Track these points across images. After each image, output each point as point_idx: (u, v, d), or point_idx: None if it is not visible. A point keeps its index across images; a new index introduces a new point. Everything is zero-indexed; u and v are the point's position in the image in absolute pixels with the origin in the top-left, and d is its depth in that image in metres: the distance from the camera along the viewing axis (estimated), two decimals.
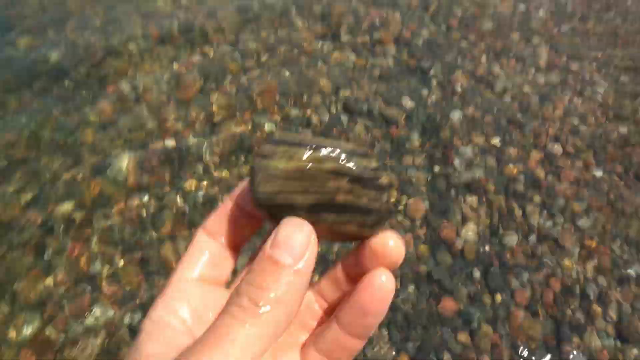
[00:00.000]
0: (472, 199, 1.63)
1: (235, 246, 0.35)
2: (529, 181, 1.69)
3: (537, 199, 1.64)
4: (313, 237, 0.26)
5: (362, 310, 0.28)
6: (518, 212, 1.60)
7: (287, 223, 0.26)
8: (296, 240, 0.25)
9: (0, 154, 1.86)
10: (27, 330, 1.43)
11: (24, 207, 1.72)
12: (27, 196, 1.75)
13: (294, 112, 1.94)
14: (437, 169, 1.71)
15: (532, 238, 1.55)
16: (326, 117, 1.91)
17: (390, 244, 0.30)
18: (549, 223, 1.58)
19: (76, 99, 2.03)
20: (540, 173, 1.71)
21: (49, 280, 1.53)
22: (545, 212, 1.61)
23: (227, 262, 0.35)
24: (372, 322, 0.29)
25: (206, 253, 0.33)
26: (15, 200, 1.73)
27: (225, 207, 0.34)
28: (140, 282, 1.53)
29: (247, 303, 0.24)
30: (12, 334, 1.42)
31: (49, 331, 1.43)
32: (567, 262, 1.48)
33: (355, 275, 0.31)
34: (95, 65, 2.13)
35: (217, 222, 0.34)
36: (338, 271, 0.33)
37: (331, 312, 0.32)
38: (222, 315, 0.25)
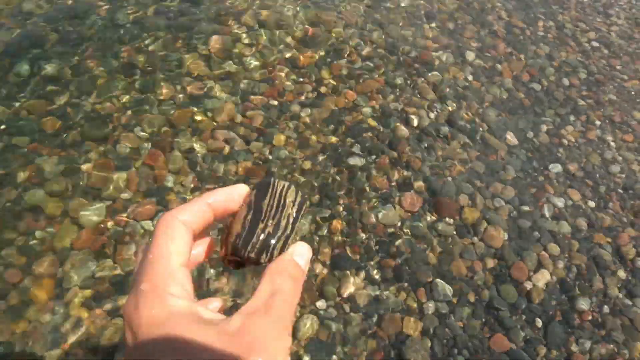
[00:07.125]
0: (554, 248, 1.54)
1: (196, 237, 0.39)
2: (616, 254, 1.58)
3: (621, 274, 1.53)
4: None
5: None
6: (597, 279, 1.50)
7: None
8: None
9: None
10: (92, 217, 1.45)
11: (120, 107, 1.78)
12: (124, 99, 1.81)
13: (393, 104, 1.92)
14: (524, 208, 1.64)
15: (606, 309, 1.44)
16: (425, 122, 1.88)
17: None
18: (627, 301, 1.46)
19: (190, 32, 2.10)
20: (631, 251, 1.59)
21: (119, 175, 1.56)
22: (625, 290, 1.50)
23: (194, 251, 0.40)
24: None
25: (185, 241, 0.37)
26: (114, 100, 1.79)
27: (201, 204, 0.39)
28: None
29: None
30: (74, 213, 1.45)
31: (110, 224, 1.45)
32: (638, 346, 1.36)
33: None
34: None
35: (192, 214, 0.38)
36: None
37: None
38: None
